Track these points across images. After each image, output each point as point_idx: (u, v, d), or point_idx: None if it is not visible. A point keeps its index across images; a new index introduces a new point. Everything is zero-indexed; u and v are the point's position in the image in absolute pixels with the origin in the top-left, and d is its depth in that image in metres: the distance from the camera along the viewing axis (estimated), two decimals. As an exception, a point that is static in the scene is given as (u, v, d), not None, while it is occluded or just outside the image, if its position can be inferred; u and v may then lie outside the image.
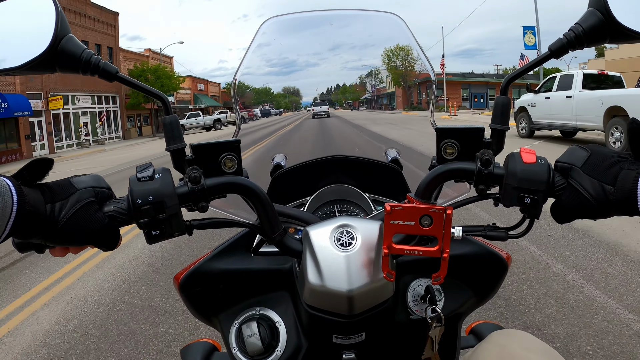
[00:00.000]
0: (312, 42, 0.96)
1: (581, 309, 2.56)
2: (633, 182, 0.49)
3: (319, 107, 1.16)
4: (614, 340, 2.23)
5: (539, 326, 2.41)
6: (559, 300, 2.68)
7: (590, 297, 2.68)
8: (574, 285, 2.87)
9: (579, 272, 3.07)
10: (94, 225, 0.54)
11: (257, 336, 0.66)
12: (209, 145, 0.60)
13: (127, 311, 3.03)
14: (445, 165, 0.60)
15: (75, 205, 0.53)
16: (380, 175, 0.92)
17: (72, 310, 3.13)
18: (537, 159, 0.57)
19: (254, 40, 0.83)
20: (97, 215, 0.54)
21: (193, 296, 0.74)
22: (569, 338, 2.28)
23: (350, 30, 0.98)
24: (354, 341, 0.63)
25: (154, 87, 0.61)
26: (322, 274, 0.58)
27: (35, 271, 4.05)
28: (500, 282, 0.75)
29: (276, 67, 0.95)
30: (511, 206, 0.58)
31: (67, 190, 0.54)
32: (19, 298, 3.46)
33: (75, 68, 0.56)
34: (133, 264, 3.99)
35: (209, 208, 0.76)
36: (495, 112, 0.61)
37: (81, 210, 0.53)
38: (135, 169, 0.57)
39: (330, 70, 0.98)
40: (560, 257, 3.38)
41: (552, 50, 0.58)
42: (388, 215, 0.52)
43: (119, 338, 2.65)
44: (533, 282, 2.95)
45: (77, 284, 3.63)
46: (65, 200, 0.53)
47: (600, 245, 3.56)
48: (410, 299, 0.71)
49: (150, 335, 2.66)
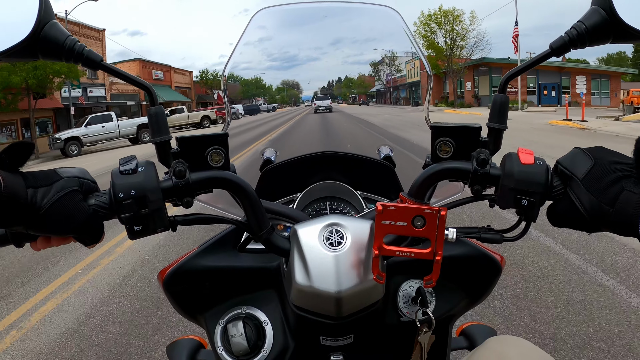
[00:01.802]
0: (305, 32, 0.93)
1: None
2: (635, 208, 0.48)
3: (320, 101, 1.12)
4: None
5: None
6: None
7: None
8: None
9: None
10: (78, 214, 0.52)
11: (243, 336, 0.65)
12: (195, 138, 0.58)
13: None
14: (440, 164, 0.58)
15: (59, 191, 0.51)
16: (373, 173, 0.91)
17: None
18: (535, 160, 0.56)
19: (245, 31, 0.80)
20: (82, 205, 0.53)
21: (177, 294, 0.72)
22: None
23: (347, 23, 0.96)
24: (342, 343, 0.62)
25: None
26: (310, 274, 0.56)
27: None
28: (493, 284, 0.74)
29: (273, 59, 0.92)
30: (507, 208, 0.57)
31: (51, 177, 0.53)
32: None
33: (58, 55, 0.54)
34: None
35: (196, 203, 0.74)
36: (493, 111, 0.60)
37: (65, 198, 0.51)
38: (118, 162, 0.55)
39: (330, 64, 0.94)
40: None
41: (554, 48, 0.56)
42: (379, 215, 0.50)
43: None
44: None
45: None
46: (49, 187, 0.51)
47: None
48: (401, 301, 0.69)
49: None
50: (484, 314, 2.58)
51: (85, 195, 0.54)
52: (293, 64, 0.93)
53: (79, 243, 0.56)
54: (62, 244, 0.57)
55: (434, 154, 0.59)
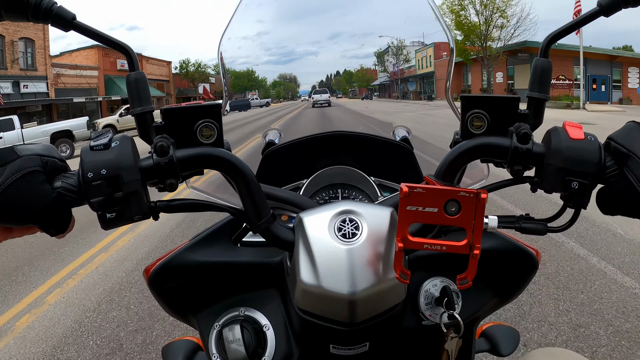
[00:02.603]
0: (306, 17, 0.85)
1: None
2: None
3: (319, 95, 1.07)
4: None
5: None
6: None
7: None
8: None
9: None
10: (38, 199, 0.44)
11: (241, 342, 0.56)
12: (182, 109, 0.50)
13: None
14: (474, 139, 0.50)
15: (15, 173, 0.43)
16: (388, 157, 0.81)
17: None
18: (586, 135, 0.48)
19: (238, 9, 0.72)
20: (43, 187, 0.44)
21: (166, 292, 0.63)
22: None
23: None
24: (355, 352, 0.53)
25: None
26: (318, 271, 0.47)
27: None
28: (527, 282, 0.65)
29: (269, 50, 0.83)
30: (554, 192, 0.49)
31: (6, 156, 0.44)
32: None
33: (24, 13, 0.47)
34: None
35: (191, 191, 0.65)
36: (534, 78, 0.52)
37: (22, 180, 0.43)
38: (90, 136, 0.46)
39: (328, 58, 0.86)
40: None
41: (602, 5, 0.48)
42: (404, 198, 0.41)
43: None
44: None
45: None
46: (2, 168, 0.43)
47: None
48: (423, 302, 0.60)
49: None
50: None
51: (49, 176, 0.46)
52: (291, 59, 0.85)
53: (45, 233, 0.47)
54: (25, 234, 0.49)
55: (464, 130, 0.51)
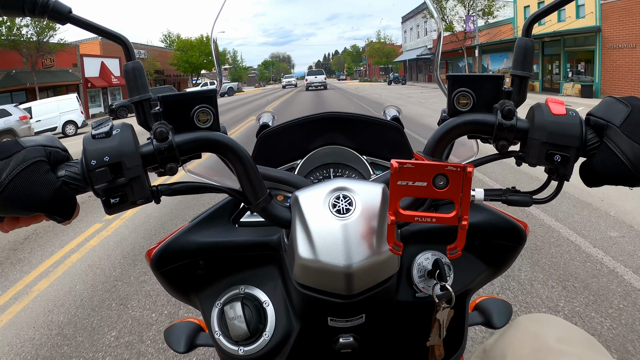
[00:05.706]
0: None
1: None
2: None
3: (313, 76, 1.02)
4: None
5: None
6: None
7: None
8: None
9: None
10: (44, 188, 0.45)
11: (242, 318, 0.58)
12: (179, 96, 0.51)
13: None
14: (460, 117, 0.52)
15: (20, 164, 0.45)
16: (379, 136, 0.83)
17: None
18: (568, 110, 0.50)
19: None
20: (48, 177, 0.46)
21: (168, 274, 0.66)
22: None
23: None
24: (352, 324, 0.56)
25: None
26: (314, 246, 0.49)
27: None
28: (516, 255, 0.68)
29: (267, 34, 0.81)
30: (538, 165, 0.51)
31: (11, 148, 0.46)
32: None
33: (19, 7, 0.48)
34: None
35: (189, 174, 0.67)
36: (517, 56, 0.54)
37: (27, 171, 0.45)
38: (91, 125, 0.49)
39: (325, 41, 0.82)
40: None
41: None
42: (395, 174, 0.43)
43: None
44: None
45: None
46: (7, 159, 0.45)
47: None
48: (416, 275, 0.62)
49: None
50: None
51: (53, 166, 0.48)
52: (288, 40, 0.81)
53: (52, 221, 0.49)
54: (32, 223, 0.51)
55: (450, 108, 0.53)
